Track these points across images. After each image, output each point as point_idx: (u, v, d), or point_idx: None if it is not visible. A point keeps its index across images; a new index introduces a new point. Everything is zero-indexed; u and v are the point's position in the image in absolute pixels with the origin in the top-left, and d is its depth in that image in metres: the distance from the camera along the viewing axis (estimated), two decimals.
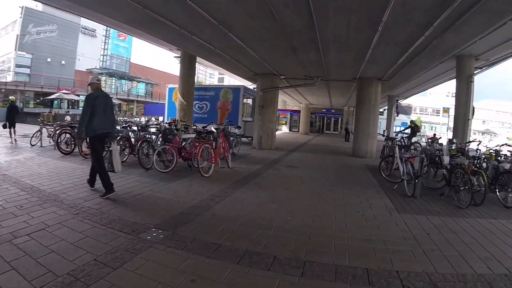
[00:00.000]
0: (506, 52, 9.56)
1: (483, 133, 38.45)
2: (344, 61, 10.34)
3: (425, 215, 4.77)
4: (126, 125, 9.23)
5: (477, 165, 6.45)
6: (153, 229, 3.56)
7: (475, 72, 10.22)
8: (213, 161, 7.01)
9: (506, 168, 5.73)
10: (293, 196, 5.61)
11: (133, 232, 3.42)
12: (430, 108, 56.56)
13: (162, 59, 36.93)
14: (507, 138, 40.27)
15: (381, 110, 18.96)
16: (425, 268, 3.01)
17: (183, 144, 7.35)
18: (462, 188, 5.44)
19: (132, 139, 8.20)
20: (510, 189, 5.59)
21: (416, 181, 5.86)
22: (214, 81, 51.27)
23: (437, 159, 6.96)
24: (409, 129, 13.03)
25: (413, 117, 49.80)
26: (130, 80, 41.69)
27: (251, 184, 6.35)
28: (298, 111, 31.82)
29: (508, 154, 6.45)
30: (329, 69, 11.57)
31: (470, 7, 5.31)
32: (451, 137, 10.09)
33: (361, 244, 3.57)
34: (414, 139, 11.61)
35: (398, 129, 22.00)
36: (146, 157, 7.38)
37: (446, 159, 6.10)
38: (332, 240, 3.61)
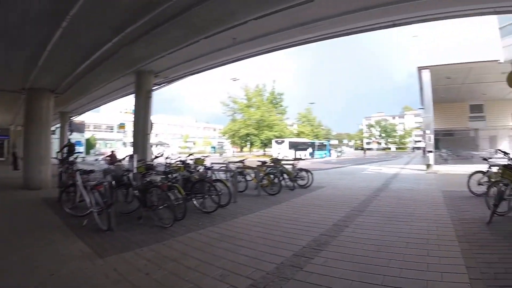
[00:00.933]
0: (184, 71, 10.75)
1: (157, 145, 42.64)
2: (11, 64, 7.89)
3: (132, 251, 3.85)
4: None
5: (170, 180, 6.45)
6: None
7: (153, 88, 10.80)
8: None
9: (196, 177, 6.19)
10: None
11: None
12: (104, 124, 57.32)
13: None
14: (179, 147, 48.70)
15: (53, 128, 15.75)
16: None
17: None
18: (160, 206, 5.09)
19: None
20: (206, 196, 6.05)
21: (109, 210, 4.78)
22: None
23: (125, 179, 6.27)
24: (67, 147, 11.47)
25: (88, 134, 47.94)
26: None
27: None
28: None
29: (191, 162, 7.09)
30: None
31: (174, 16, 5.17)
32: (131, 153, 9.86)
33: None
34: (72, 158, 10.38)
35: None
36: None
37: (136, 179, 5.57)
38: None
